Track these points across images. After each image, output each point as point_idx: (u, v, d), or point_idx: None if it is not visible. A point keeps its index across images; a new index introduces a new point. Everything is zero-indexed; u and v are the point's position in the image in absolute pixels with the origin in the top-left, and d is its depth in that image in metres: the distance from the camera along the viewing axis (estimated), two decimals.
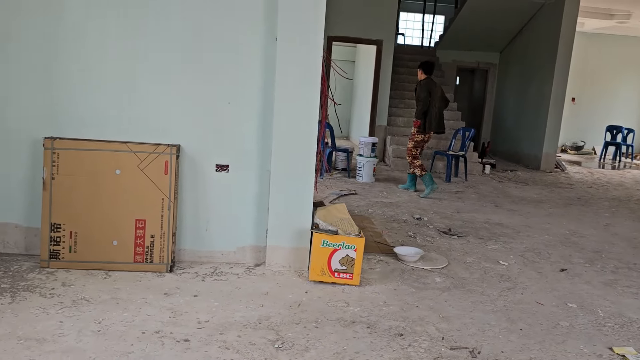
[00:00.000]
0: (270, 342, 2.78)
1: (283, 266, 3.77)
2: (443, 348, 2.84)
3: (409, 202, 6.51)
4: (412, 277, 3.86)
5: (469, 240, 4.97)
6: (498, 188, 8.08)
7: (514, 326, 3.18)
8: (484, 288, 3.76)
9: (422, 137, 6.95)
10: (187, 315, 3.01)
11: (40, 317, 2.86)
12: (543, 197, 7.61)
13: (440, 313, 3.28)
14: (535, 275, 4.13)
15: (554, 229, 5.70)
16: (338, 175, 8.17)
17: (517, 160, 11.18)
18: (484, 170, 9.42)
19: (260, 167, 3.76)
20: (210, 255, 3.83)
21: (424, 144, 7.05)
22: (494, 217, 6.06)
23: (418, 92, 6.89)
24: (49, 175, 3.49)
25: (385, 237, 4.84)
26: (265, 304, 3.23)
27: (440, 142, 9.61)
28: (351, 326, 3.02)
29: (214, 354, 2.63)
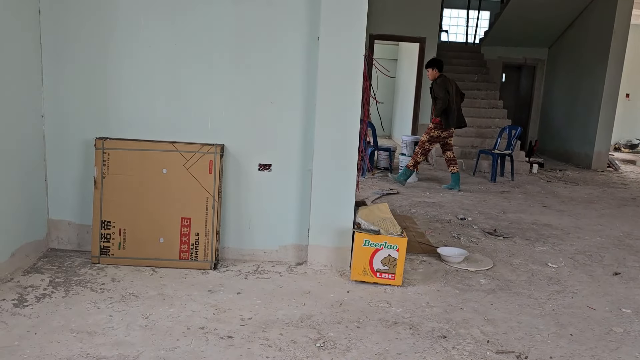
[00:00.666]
0: (312, 340, 2.79)
1: (325, 265, 3.78)
2: (488, 352, 2.78)
3: (452, 202, 6.40)
4: (456, 279, 3.79)
5: (515, 242, 4.84)
6: (546, 188, 7.83)
7: (563, 331, 3.07)
8: (532, 291, 3.65)
9: (438, 133, 6.95)
10: (230, 312, 3.06)
11: (91, 311, 2.97)
12: (594, 197, 7.33)
13: (485, 316, 3.21)
14: (587, 278, 3.98)
15: (607, 230, 5.47)
16: (380, 174, 8.11)
17: (566, 159, 10.81)
18: (532, 169, 9.15)
19: (302, 166, 3.78)
20: (253, 254, 3.87)
21: (441, 140, 7.03)
22: (542, 217, 5.87)
23: (435, 91, 6.86)
24: (99, 174, 3.61)
25: (428, 237, 4.77)
26: (307, 303, 3.24)
27: (485, 141, 9.40)
28: (393, 327, 2.99)
29: (256, 351, 2.66)
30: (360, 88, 3.62)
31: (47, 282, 3.32)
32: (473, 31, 12.80)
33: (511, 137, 8.40)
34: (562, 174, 9.22)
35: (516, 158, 8.74)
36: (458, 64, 11.34)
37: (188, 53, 3.69)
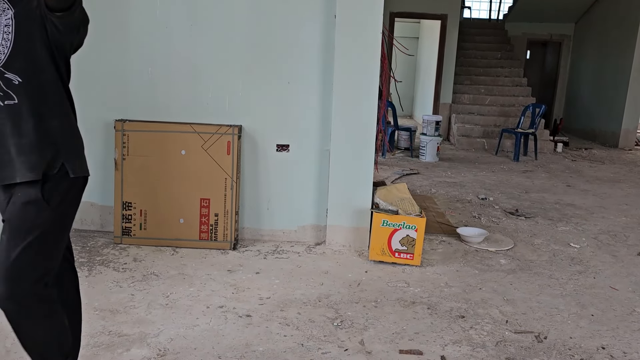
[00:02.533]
0: (330, 320, 2.81)
1: (343, 245, 3.78)
2: (507, 332, 2.76)
3: (474, 182, 6.33)
4: (476, 259, 3.76)
5: (537, 222, 4.77)
6: (571, 167, 7.68)
7: (584, 311, 3.03)
8: (553, 271, 3.61)
9: None
10: (249, 292, 3.09)
11: (113, 290, 3.04)
12: (621, 176, 7.16)
13: (505, 296, 3.18)
14: (610, 258, 3.91)
15: (632, 210, 5.35)
16: (401, 154, 8.05)
17: (592, 138, 10.57)
18: (556, 148, 8.97)
19: (320, 146, 3.77)
20: (272, 234, 3.90)
21: None
22: (566, 197, 5.77)
23: None
24: (120, 156, 3.66)
25: (448, 217, 4.73)
26: (325, 283, 3.26)
27: (508, 120, 9.24)
28: (411, 307, 2.99)
29: (274, 329, 2.69)
30: (378, 67, 3.57)
31: None
32: (497, 7, 12.49)
33: (535, 115, 8.23)
34: (587, 153, 9.02)
35: (540, 137, 8.57)
36: (481, 41, 11.12)
37: (205, 34, 3.68)
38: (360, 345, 2.57)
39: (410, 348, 2.56)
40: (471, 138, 9.03)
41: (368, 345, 2.58)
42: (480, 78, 10.27)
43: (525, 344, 2.64)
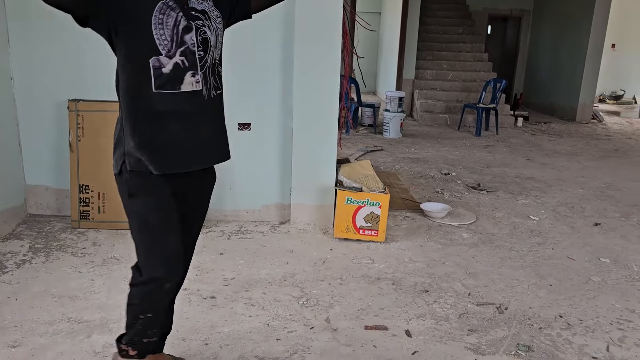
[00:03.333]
0: (295, 298, 2.80)
1: (308, 224, 3.77)
2: (469, 304, 2.82)
3: (436, 157, 6.39)
4: (439, 234, 3.82)
5: (498, 195, 4.86)
6: (530, 141, 7.85)
7: (543, 282, 3.12)
8: (513, 244, 3.69)
9: None
10: (213, 273, 3.05)
11: (72, 276, 2.95)
12: (578, 149, 7.36)
13: (467, 269, 3.24)
14: (568, 230, 4.03)
15: (589, 182, 5.52)
16: (364, 131, 8.06)
17: (551, 112, 10.81)
18: (516, 123, 9.14)
19: (282, 124, 3.71)
20: (236, 214, 3.85)
21: None
22: (526, 171, 5.90)
23: None
24: (74, 137, 3.52)
25: (412, 193, 4.77)
26: (290, 262, 3.25)
27: (470, 95, 9.34)
28: (376, 283, 3.01)
29: (239, 310, 2.67)
30: (340, 42, 3.52)
31: (27, 247, 3.28)
32: None
33: (496, 90, 8.34)
34: (546, 127, 9.23)
35: (501, 112, 8.71)
36: (443, 16, 11.13)
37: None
38: (326, 322, 2.58)
39: (376, 324, 2.59)
40: (434, 114, 9.10)
41: (334, 322, 2.59)
42: (443, 53, 10.31)
43: (487, 316, 2.70)
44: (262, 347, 2.36)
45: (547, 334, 2.55)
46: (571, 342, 2.49)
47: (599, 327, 2.64)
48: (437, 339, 2.48)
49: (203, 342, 2.38)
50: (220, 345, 2.36)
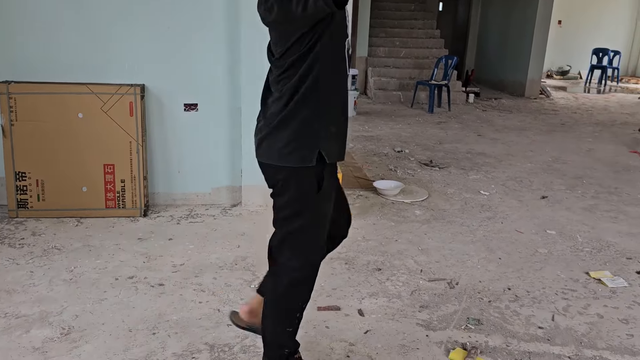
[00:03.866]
0: (247, 282, 2.75)
1: (260, 205, 3.70)
2: (421, 281, 2.83)
3: (390, 135, 6.41)
4: (392, 211, 3.82)
5: (450, 172, 4.92)
6: (481, 117, 7.98)
7: (492, 255, 3.17)
8: (464, 219, 3.74)
9: None
10: (161, 260, 2.96)
11: (9, 268, 2.79)
12: (527, 124, 7.54)
13: (420, 246, 3.26)
14: (516, 203, 4.11)
15: (537, 156, 5.66)
16: None
17: (501, 88, 11.02)
18: (468, 99, 9.27)
19: (230, 104, 3.60)
20: (185, 198, 3.74)
21: None
22: (477, 146, 5.99)
23: None
24: (7, 121, 3.31)
25: (365, 171, 4.76)
26: (242, 245, 3.18)
27: (423, 72, 9.39)
28: (329, 263, 2.98)
29: (189, 296, 2.59)
30: None
31: None
32: None
33: (448, 67, 8.41)
34: (497, 103, 9.41)
35: (453, 88, 8.80)
36: None
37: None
38: None
39: (329, 304, 2.57)
40: (387, 91, 9.12)
41: None
42: (395, 30, 10.30)
43: (439, 291, 2.73)
44: (213, 334, 2.30)
45: (496, 307, 2.60)
46: (519, 313, 2.54)
47: (545, 297, 2.70)
48: (389, 316, 2.48)
49: (150, 331, 2.30)
50: (168, 334, 2.29)
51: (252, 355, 2.16)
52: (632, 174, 5.08)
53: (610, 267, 3.05)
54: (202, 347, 2.21)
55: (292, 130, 1.73)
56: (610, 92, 11.68)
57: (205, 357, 2.15)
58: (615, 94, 11.38)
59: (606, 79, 12.51)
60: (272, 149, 1.77)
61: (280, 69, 1.74)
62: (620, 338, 2.38)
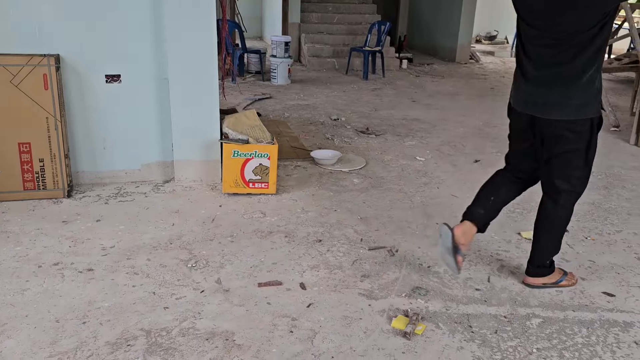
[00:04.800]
0: (183, 262, 2.64)
1: (194, 181, 3.56)
2: (362, 250, 2.83)
3: (326, 103, 6.34)
4: (330, 181, 3.79)
5: (386, 139, 4.93)
6: (415, 83, 8.06)
7: (430, 221, 3.21)
8: (402, 185, 3.76)
9: None
10: (89, 243, 2.78)
11: None
12: (458, 89, 7.69)
13: (359, 215, 3.25)
14: (451, 168, 4.19)
15: (469, 120, 5.78)
16: (251, 79, 7.77)
17: (433, 54, 11.17)
18: (401, 65, 9.33)
19: (157, 75, 3.39)
20: (113, 176, 3.53)
21: None
22: (411, 112, 6.04)
23: None
24: None
25: (302, 141, 4.69)
26: (177, 223, 3.05)
27: (356, 38, 9.32)
28: (268, 237, 2.92)
29: (121, 280, 2.45)
30: None
31: None
32: None
33: (381, 33, 8.38)
34: (429, 68, 9.53)
35: (386, 54, 8.81)
36: None
37: None
38: (217, 284, 2.46)
39: (269, 280, 2.51)
40: (322, 58, 9.00)
41: (225, 283, 2.47)
42: None
43: (379, 260, 2.74)
44: (149, 318, 2.19)
45: (435, 272, 2.63)
46: (457, 277, 2.59)
47: (481, 260, 2.77)
48: (332, 288, 2.46)
49: (80, 320, 2.16)
50: (100, 322, 2.15)
51: (191, 338, 2.08)
52: None
53: None
54: (138, 333, 2.10)
55: (590, 92, 2.19)
56: None
57: (141, 343, 2.05)
58: None
59: None
60: (571, 107, 2.19)
61: (579, 46, 2.11)
62: (550, 295, 2.48)
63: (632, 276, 2.67)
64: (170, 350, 2.01)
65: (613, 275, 2.68)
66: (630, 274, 2.69)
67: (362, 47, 8.36)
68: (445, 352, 2.06)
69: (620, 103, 6.95)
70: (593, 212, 3.42)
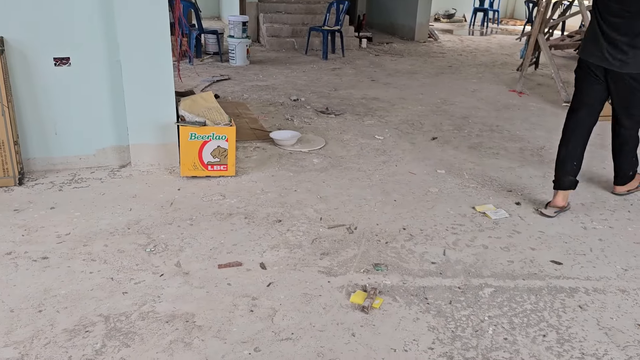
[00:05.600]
0: (141, 246, 2.62)
1: (151, 165, 3.51)
2: (321, 229, 2.86)
3: (285, 84, 6.31)
4: (290, 161, 3.80)
5: (346, 118, 4.96)
6: (374, 62, 8.09)
7: (388, 198, 3.27)
8: (361, 164, 3.81)
9: None
10: (43, 231, 2.72)
11: None
12: (417, 68, 7.76)
13: (318, 194, 3.28)
14: (409, 146, 4.26)
15: (427, 98, 5.86)
16: (210, 60, 7.65)
17: (392, 32, 11.21)
18: (361, 44, 9.34)
19: (108, 57, 3.30)
20: (67, 162, 3.45)
21: None
22: (371, 91, 6.08)
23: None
24: None
25: (261, 122, 4.67)
26: (134, 207, 3.01)
27: (315, 17, 9.27)
28: (228, 219, 2.93)
29: (78, 267, 2.42)
30: None
31: None
32: None
33: (339, 12, 8.35)
34: (388, 47, 9.57)
35: (346, 34, 8.80)
36: None
37: None
38: (177, 267, 2.46)
39: (229, 261, 2.52)
40: (281, 38, 8.92)
41: (185, 266, 2.47)
42: None
43: (338, 237, 2.78)
44: (107, 304, 2.18)
45: (392, 247, 2.70)
46: (413, 251, 2.66)
47: (436, 234, 2.85)
48: (291, 267, 2.49)
49: (36, 309, 2.13)
50: (57, 310, 2.13)
51: (151, 322, 2.08)
52: (511, 111, 5.44)
53: (493, 200, 3.28)
54: (96, 319, 2.09)
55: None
56: (491, 33, 12.33)
57: (100, 329, 2.04)
58: (496, 35, 12.04)
59: (488, 21, 13.16)
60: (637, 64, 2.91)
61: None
62: (502, 265, 2.58)
63: (578, 245, 2.80)
64: (130, 335, 2.01)
65: (561, 244, 2.80)
66: (576, 243, 2.82)
67: (321, 27, 8.33)
68: (401, 324, 2.13)
69: (571, 79, 7.15)
70: (544, 185, 3.55)
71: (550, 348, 2.03)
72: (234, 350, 1.95)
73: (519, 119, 5.14)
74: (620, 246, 2.80)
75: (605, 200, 3.37)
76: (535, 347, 2.03)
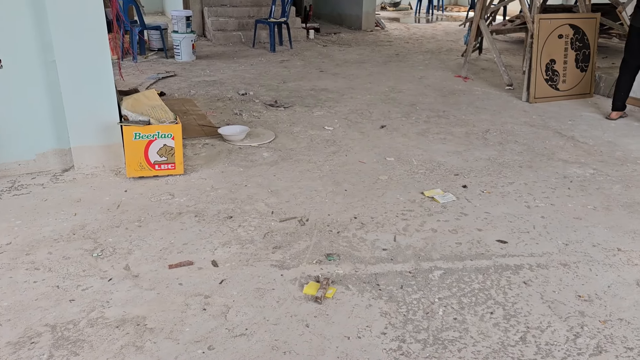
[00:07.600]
0: (88, 252, 2.55)
1: (96, 167, 3.41)
2: (273, 222, 2.86)
3: (233, 78, 6.24)
4: (240, 157, 3.77)
5: (295, 110, 4.96)
6: (323, 53, 8.10)
7: (339, 188, 3.30)
8: (311, 156, 3.82)
9: None
10: None
11: None
12: (365, 57, 7.82)
13: (269, 188, 3.28)
14: (358, 135, 4.29)
15: (375, 87, 5.92)
16: (154, 56, 7.46)
17: (340, 22, 11.24)
18: (308, 35, 9.32)
19: (43, 58, 3.17)
20: (4, 168, 3.30)
21: None
22: (319, 83, 6.09)
23: None
24: None
25: (209, 118, 4.61)
26: (79, 212, 2.92)
27: (261, 10, 9.18)
28: (178, 218, 2.88)
29: (20, 277, 2.34)
30: None
31: None
32: None
33: (285, 3, 8.30)
34: (336, 37, 9.59)
35: (293, 25, 8.76)
36: None
37: None
38: (126, 270, 2.41)
39: (180, 260, 2.49)
40: (227, 32, 8.80)
41: (134, 268, 2.42)
42: None
43: (290, 230, 2.78)
44: (53, 313, 2.12)
45: (344, 237, 2.72)
46: (365, 239, 2.70)
47: (387, 221, 2.90)
48: (244, 262, 2.48)
49: None
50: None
51: (100, 328, 2.03)
52: (458, 97, 5.57)
53: (441, 185, 3.36)
54: (42, 329, 2.03)
55: None
56: (437, 20, 12.55)
57: (46, 339, 1.98)
58: (442, 22, 12.25)
59: (433, 9, 13.37)
60: None
61: None
62: (451, 247, 2.65)
63: (522, 223, 2.91)
64: (79, 342, 1.96)
65: (506, 223, 2.90)
66: (520, 221, 2.92)
67: (268, 19, 8.26)
68: (354, 311, 2.16)
69: (513, 63, 7.39)
70: (489, 167, 3.66)
71: (497, 324, 2.10)
72: (187, 350, 1.94)
73: (465, 104, 5.27)
74: (561, 222, 2.93)
75: (547, 179, 3.50)
76: (483, 324, 2.10)
